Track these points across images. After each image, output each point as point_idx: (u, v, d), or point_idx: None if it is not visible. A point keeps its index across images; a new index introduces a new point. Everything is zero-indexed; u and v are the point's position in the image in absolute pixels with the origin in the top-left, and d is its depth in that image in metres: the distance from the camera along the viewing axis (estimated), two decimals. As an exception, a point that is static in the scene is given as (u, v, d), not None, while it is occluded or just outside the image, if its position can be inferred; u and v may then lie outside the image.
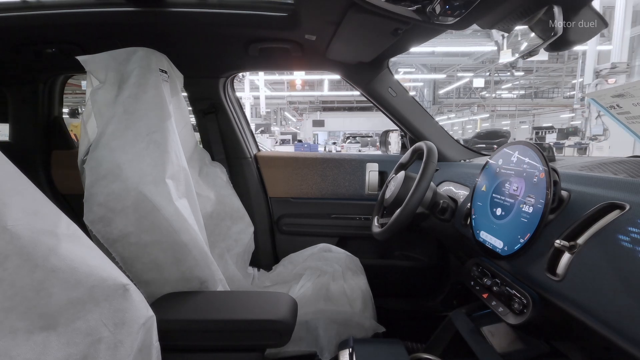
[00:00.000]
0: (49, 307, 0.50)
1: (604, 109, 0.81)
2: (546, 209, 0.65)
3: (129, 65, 1.00)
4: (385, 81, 1.41)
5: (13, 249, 0.48)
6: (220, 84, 1.49)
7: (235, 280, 1.30)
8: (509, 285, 0.75)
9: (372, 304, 1.24)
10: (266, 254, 1.60)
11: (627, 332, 0.48)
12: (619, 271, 0.50)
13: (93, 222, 0.86)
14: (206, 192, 1.32)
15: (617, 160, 0.84)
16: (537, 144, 0.75)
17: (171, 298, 0.87)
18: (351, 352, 0.90)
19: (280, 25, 1.11)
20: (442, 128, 1.51)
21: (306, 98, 20.70)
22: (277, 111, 20.65)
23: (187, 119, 1.26)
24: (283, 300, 0.85)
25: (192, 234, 0.94)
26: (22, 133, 1.48)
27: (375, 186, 1.53)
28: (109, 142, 0.90)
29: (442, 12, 0.82)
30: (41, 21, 1.06)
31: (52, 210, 0.56)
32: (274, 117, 20.69)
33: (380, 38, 1.05)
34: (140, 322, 0.62)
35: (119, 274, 0.62)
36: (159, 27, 1.11)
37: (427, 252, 1.58)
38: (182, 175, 1.01)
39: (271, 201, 1.61)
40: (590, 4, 0.70)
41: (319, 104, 22.20)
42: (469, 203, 0.92)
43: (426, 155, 0.97)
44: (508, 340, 0.90)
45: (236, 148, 1.55)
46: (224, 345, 0.78)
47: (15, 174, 0.53)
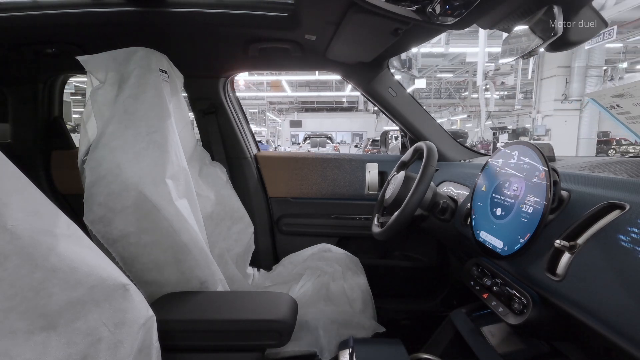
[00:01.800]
0: (49, 307, 0.50)
1: (604, 109, 0.81)
2: (546, 209, 0.65)
3: (129, 65, 1.00)
4: (385, 81, 1.41)
5: (13, 249, 0.48)
6: (220, 84, 1.49)
7: (235, 280, 1.30)
8: (509, 285, 0.75)
9: (372, 304, 1.24)
10: (266, 254, 1.60)
11: (627, 332, 0.48)
12: (619, 271, 0.50)
13: (93, 222, 0.86)
14: (206, 192, 1.32)
15: (617, 160, 0.84)
16: (538, 144, 0.75)
17: (171, 298, 0.87)
18: (351, 352, 0.90)
19: (280, 25, 1.11)
20: (442, 128, 1.51)
21: (286, 99, 20.99)
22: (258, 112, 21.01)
23: (187, 119, 1.26)
24: (283, 300, 0.85)
25: (192, 234, 0.94)
26: (22, 133, 1.48)
27: (375, 186, 1.53)
28: (109, 142, 0.90)
29: (442, 12, 0.82)
30: (41, 21, 1.06)
31: (52, 210, 0.56)
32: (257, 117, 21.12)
33: (380, 38, 1.05)
34: (140, 322, 0.62)
35: (119, 274, 0.62)
36: (159, 27, 1.11)
37: (427, 252, 1.58)
38: (182, 175, 1.01)
39: (271, 201, 1.61)
40: (590, 3, 0.70)
41: (298, 104, 22.48)
42: (469, 203, 0.92)
43: (426, 155, 0.97)
44: (508, 340, 0.90)
45: (236, 148, 1.55)
46: (224, 345, 0.78)
47: (15, 174, 0.53)
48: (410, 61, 1.52)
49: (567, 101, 11.93)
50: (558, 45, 0.74)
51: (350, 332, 1.11)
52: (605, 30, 6.91)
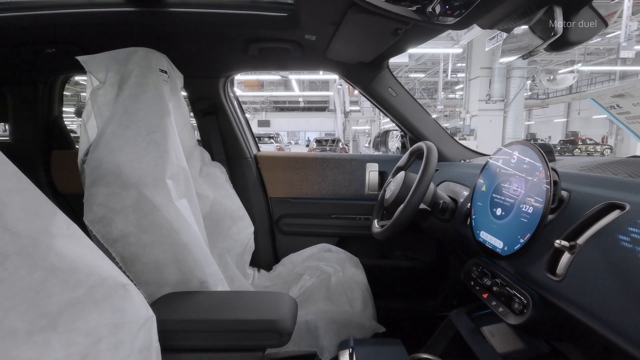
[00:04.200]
0: (49, 307, 0.50)
1: (604, 109, 0.81)
2: (546, 209, 0.65)
3: (129, 65, 1.00)
4: (385, 81, 1.41)
5: (13, 249, 0.48)
6: (220, 84, 1.49)
7: (235, 280, 1.30)
8: (509, 286, 0.75)
9: (372, 304, 1.24)
10: (266, 254, 1.60)
11: (627, 332, 0.48)
12: (619, 271, 0.50)
13: (93, 222, 0.86)
14: (206, 192, 1.32)
15: (617, 160, 0.84)
16: (537, 144, 0.75)
17: (171, 298, 0.87)
18: (351, 352, 0.90)
19: (280, 25, 1.11)
20: (442, 128, 1.51)
21: (257, 98, 21.42)
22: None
23: (187, 119, 1.26)
24: (283, 300, 0.85)
25: (192, 234, 0.94)
26: (22, 133, 1.48)
27: (375, 186, 1.53)
28: (109, 142, 0.90)
29: (442, 12, 0.82)
30: (41, 21, 1.06)
31: (52, 210, 0.56)
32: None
33: (380, 38, 1.05)
34: (140, 322, 0.62)
35: (119, 274, 0.62)
36: (159, 27, 1.11)
37: (427, 252, 1.58)
38: (182, 175, 1.01)
39: (271, 201, 1.61)
40: (590, 3, 0.70)
41: (269, 104, 22.84)
42: (469, 203, 0.92)
43: (426, 155, 0.97)
44: (508, 340, 0.90)
45: (236, 148, 1.55)
46: (224, 345, 0.78)
47: (15, 174, 0.53)
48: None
49: (491, 101, 12.20)
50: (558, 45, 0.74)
51: (350, 332, 1.11)
52: (497, 33, 6.93)
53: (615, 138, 19.03)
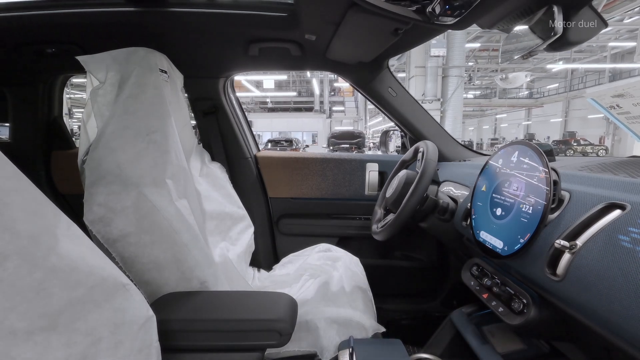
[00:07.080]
0: (49, 307, 0.50)
1: (604, 109, 0.81)
2: (546, 209, 0.65)
3: (129, 65, 1.00)
4: (385, 81, 1.41)
5: (13, 249, 0.48)
6: (220, 84, 1.49)
7: (235, 280, 1.30)
8: (509, 286, 0.75)
9: (372, 304, 1.24)
10: (266, 254, 1.60)
11: (627, 333, 0.48)
12: (619, 271, 0.50)
13: (93, 222, 0.86)
14: (206, 192, 1.32)
15: (617, 160, 0.84)
16: (538, 144, 0.75)
17: (171, 298, 0.87)
18: (351, 352, 0.90)
19: (280, 25, 1.11)
20: (442, 128, 1.51)
21: (244, 99, 21.88)
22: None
23: (187, 119, 1.26)
24: (283, 300, 0.85)
25: (192, 234, 0.94)
26: (22, 133, 1.48)
27: (375, 186, 1.53)
28: (108, 142, 0.90)
29: (442, 12, 0.82)
30: (41, 21, 1.06)
31: (52, 210, 0.56)
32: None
33: (380, 38, 1.05)
34: (140, 322, 0.62)
35: (119, 274, 0.62)
36: (159, 27, 1.11)
37: (427, 252, 1.58)
38: (182, 175, 1.01)
39: (271, 201, 1.61)
40: (590, 3, 0.70)
41: (255, 104, 23.12)
42: (469, 203, 0.92)
43: (426, 155, 0.98)
44: (508, 340, 0.90)
45: (236, 148, 1.55)
46: (224, 345, 0.78)
47: (15, 174, 0.53)
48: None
49: (426, 101, 12.24)
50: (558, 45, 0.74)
51: (350, 332, 1.11)
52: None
53: (612, 138, 19.03)
